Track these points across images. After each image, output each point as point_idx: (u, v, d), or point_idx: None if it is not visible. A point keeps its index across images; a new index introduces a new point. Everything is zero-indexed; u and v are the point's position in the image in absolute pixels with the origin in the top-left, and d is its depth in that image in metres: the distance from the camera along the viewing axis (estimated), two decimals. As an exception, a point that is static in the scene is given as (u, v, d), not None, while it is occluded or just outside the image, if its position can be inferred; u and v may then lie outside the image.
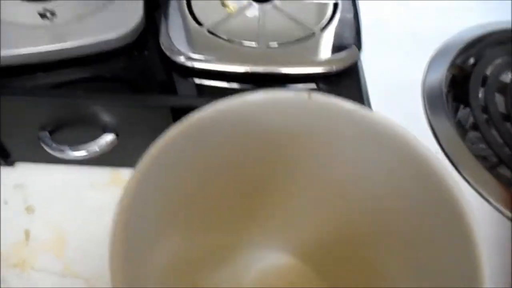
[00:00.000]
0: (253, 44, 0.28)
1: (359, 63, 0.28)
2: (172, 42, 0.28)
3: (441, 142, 0.34)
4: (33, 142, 0.30)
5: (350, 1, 0.31)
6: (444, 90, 0.39)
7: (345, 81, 0.27)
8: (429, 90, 0.39)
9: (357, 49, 0.28)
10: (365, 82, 0.28)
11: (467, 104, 0.37)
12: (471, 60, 0.41)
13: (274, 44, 0.28)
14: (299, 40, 0.28)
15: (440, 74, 0.39)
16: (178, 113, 0.28)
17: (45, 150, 0.29)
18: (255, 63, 0.27)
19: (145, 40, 0.29)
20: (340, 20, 0.29)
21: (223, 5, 0.33)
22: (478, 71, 0.39)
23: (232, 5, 0.32)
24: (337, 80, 0.27)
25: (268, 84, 0.28)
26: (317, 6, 0.30)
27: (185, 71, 0.28)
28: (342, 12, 0.30)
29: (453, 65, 0.40)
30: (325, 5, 0.30)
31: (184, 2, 0.30)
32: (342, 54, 0.28)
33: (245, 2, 0.30)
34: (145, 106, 0.26)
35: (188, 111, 0.28)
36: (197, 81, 0.28)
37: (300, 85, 0.27)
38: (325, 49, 0.28)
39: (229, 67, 0.27)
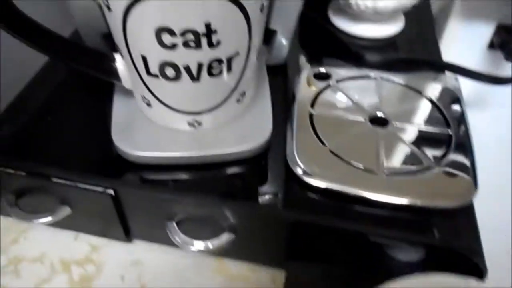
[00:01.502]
0: (372, 169, 0.30)
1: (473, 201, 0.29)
2: (295, 156, 0.31)
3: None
4: (157, 226, 0.33)
5: (464, 132, 0.32)
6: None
7: (460, 218, 0.29)
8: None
9: (473, 186, 0.29)
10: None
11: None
12: None
13: (392, 171, 0.30)
14: (416, 171, 0.30)
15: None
16: (296, 226, 0.30)
17: (165, 234, 0.32)
18: (372, 189, 0.29)
19: (271, 150, 0.32)
20: (454, 152, 0.31)
21: (309, 83, 0.35)
22: None
23: (315, 85, 0.35)
24: (451, 216, 0.29)
25: (383, 212, 0.31)
26: (432, 135, 0.32)
27: (307, 186, 0.30)
28: (456, 144, 0.32)
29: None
30: (440, 135, 0.32)
31: (308, 118, 0.33)
32: (457, 190, 0.29)
33: (364, 127, 0.33)
34: (268, 217, 0.29)
35: (305, 226, 0.30)
36: (316, 197, 0.30)
37: (413, 217, 0.29)
38: (440, 183, 0.29)
39: (347, 190, 0.29)
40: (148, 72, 0.27)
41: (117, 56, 0.29)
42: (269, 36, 0.36)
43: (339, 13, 0.43)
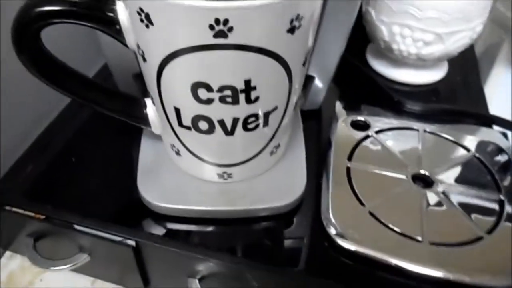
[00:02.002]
0: (415, 237, 0.27)
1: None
2: (330, 215, 0.29)
3: None
4: (178, 281, 0.31)
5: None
6: None
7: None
8: None
9: (529, 264, 0.26)
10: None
11: None
12: None
13: (437, 240, 0.27)
14: (464, 241, 0.27)
15: None
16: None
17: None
18: (414, 260, 0.26)
19: (303, 204, 0.30)
20: (507, 221, 0.28)
21: (346, 133, 0.33)
22: None
23: (353, 135, 0.32)
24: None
25: (424, 286, 0.28)
26: (481, 200, 0.30)
27: (340, 250, 0.27)
28: (508, 212, 0.29)
29: None
30: (490, 200, 0.29)
31: (344, 172, 0.31)
32: (510, 266, 0.26)
33: (406, 186, 0.30)
34: (297, 282, 0.27)
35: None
36: (350, 263, 0.27)
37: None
38: (491, 257, 0.27)
39: (386, 258, 0.27)
40: (180, 123, 0.25)
41: (148, 102, 0.28)
42: (306, 81, 0.35)
43: (378, 56, 0.41)
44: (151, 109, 0.28)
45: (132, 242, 0.29)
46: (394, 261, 0.27)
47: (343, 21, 0.31)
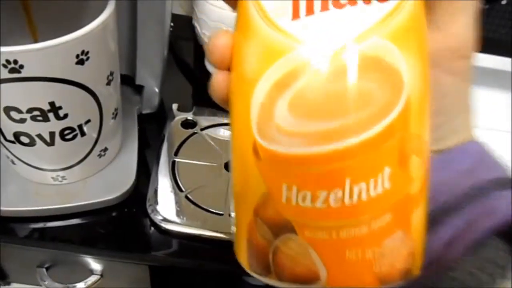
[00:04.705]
0: (220, 212, 0.35)
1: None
2: (155, 203, 0.35)
3: None
4: (30, 272, 0.35)
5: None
6: None
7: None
8: None
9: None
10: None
11: None
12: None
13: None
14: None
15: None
16: (155, 270, 0.34)
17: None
18: (217, 230, 0.34)
19: (136, 198, 0.36)
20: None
21: (176, 131, 0.40)
22: None
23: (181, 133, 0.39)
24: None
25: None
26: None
27: (165, 232, 0.34)
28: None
29: None
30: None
31: (169, 166, 0.37)
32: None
33: (218, 172, 0.37)
34: (124, 262, 0.33)
35: (165, 270, 0.34)
36: (175, 241, 0.34)
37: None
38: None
39: (200, 233, 0.34)
40: (5, 138, 0.30)
41: (-19, 120, 0.32)
42: (138, 91, 0.40)
43: (213, 63, 0.48)
44: (-17, 127, 0.32)
45: (-20, 243, 0.32)
46: (205, 233, 0.34)
47: (157, 37, 0.37)
